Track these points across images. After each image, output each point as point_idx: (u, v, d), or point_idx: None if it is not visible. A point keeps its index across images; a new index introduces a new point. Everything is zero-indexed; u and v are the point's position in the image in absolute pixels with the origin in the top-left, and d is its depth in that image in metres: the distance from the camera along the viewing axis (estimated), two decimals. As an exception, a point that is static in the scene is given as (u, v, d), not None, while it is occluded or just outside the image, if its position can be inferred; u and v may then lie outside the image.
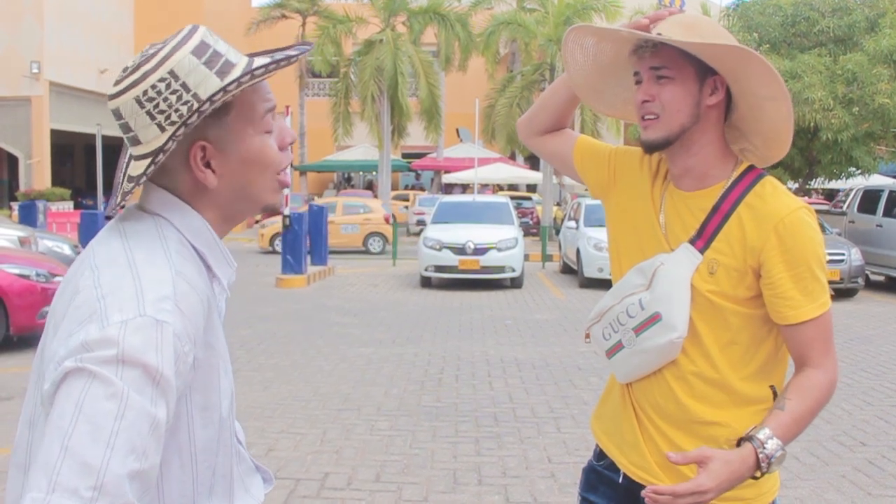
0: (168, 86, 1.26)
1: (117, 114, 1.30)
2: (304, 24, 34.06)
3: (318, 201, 24.72)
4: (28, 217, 19.27)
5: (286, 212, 15.62)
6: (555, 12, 28.29)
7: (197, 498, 1.31)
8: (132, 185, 1.30)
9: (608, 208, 2.10)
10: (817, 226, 1.84)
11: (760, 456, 1.69)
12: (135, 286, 1.19)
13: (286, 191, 16.03)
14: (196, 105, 1.26)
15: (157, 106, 1.27)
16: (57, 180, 32.38)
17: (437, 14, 29.96)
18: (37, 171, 30.71)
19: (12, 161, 32.37)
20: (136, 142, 1.29)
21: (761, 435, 1.70)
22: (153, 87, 1.26)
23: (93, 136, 23.90)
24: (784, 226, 1.78)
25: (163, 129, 1.26)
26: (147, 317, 1.15)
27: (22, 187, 29.88)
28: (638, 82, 1.87)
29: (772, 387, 1.87)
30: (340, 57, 31.44)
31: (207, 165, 1.32)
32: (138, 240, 1.28)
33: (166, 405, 1.14)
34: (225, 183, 1.34)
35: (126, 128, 1.30)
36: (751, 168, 1.89)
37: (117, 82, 1.30)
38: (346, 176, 45.92)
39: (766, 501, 1.89)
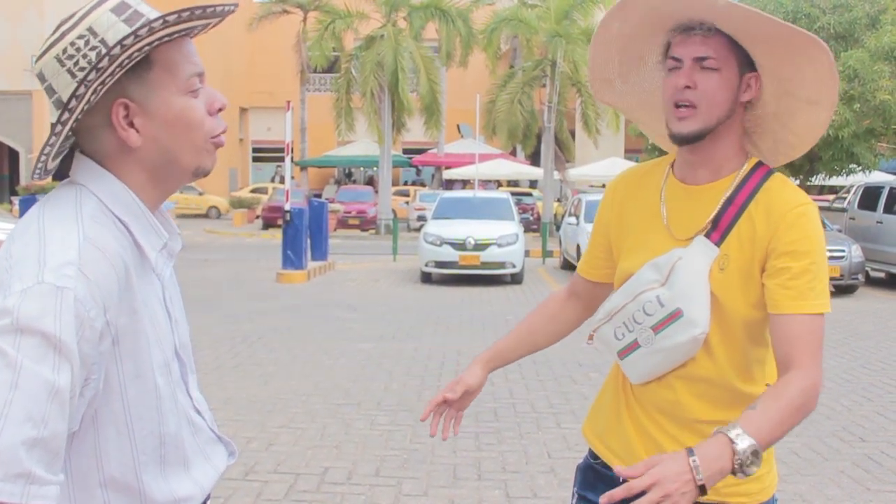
0: (87, 42, 1.26)
1: (41, 77, 1.30)
2: (305, 19, 34.04)
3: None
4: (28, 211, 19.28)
5: (286, 206, 15.62)
6: (555, 7, 28.24)
7: (142, 466, 1.32)
8: (49, 147, 1.30)
9: (625, 238, 2.01)
10: (819, 218, 1.82)
11: (695, 462, 1.49)
12: (38, 254, 1.20)
13: (287, 185, 16.04)
14: (104, 50, 1.25)
15: (76, 63, 1.26)
16: (58, 175, 32.37)
17: (439, 9, 29.91)
18: (37, 166, 30.71)
19: (13, 155, 32.40)
20: (60, 104, 1.28)
21: (731, 433, 1.55)
22: (72, 44, 1.27)
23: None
24: (794, 217, 1.76)
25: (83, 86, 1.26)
26: (45, 283, 1.16)
27: (22, 182, 29.90)
28: (674, 68, 1.80)
29: (767, 385, 1.84)
30: (342, 52, 31.42)
31: (131, 125, 1.31)
32: (52, 210, 1.29)
33: (70, 371, 1.15)
34: (150, 143, 1.33)
35: (50, 90, 1.29)
36: (761, 163, 1.87)
37: (41, 47, 1.30)
38: (346, 171, 45.94)
39: (767, 496, 1.89)
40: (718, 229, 1.81)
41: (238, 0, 1.39)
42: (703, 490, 1.45)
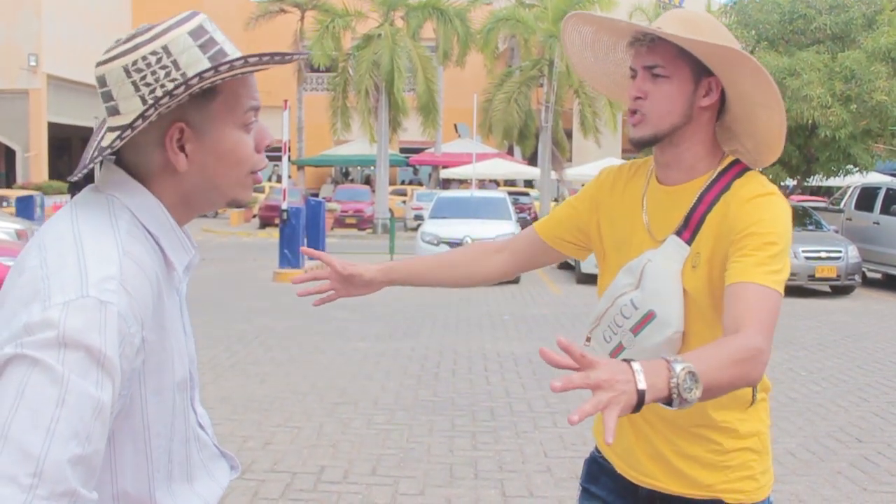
0: (159, 60, 1.26)
1: (101, 81, 1.29)
2: (302, 19, 34.01)
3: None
4: (25, 210, 19.27)
5: (284, 206, 15.61)
6: (553, 7, 28.27)
7: (154, 483, 1.31)
8: (100, 155, 1.29)
9: (598, 227, 2.05)
10: (789, 214, 1.78)
11: (639, 372, 1.40)
12: (79, 266, 1.17)
13: (285, 184, 16.03)
14: (175, 72, 1.25)
15: (143, 78, 1.26)
16: (54, 173, 32.36)
17: (436, 9, 29.93)
18: (34, 165, 30.69)
19: (10, 154, 32.35)
20: (114, 112, 1.28)
21: (668, 357, 1.46)
22: (143, 58, 1.26)
23: (90, 130, 23.90)
24: (753, 204, 1.76)
25: (145, 103, 1.25)
26: (90, 297, 1.14)
27: (19, 180, 29.85)
28: (633, 77, 1.84)
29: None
30: (339, 51, 31.40)
31: (182, 149, 1.31)
32: (87, 219, 1.26)
33: (112, 387, 1.13)
34: (194, 170, 1.32)
35: (108, 96, 1.29)
36: (737, 161, 1.88)
37: (107, 51, 1.29)
38: (343, 171, 45.91)
39: (763, 495, 1.89)
40: (689, 227, 1.82)
41: (309, 52, 1.40)
42: (641, 399, 1.37)
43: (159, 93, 1.25)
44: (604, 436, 1.31)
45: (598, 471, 2.09)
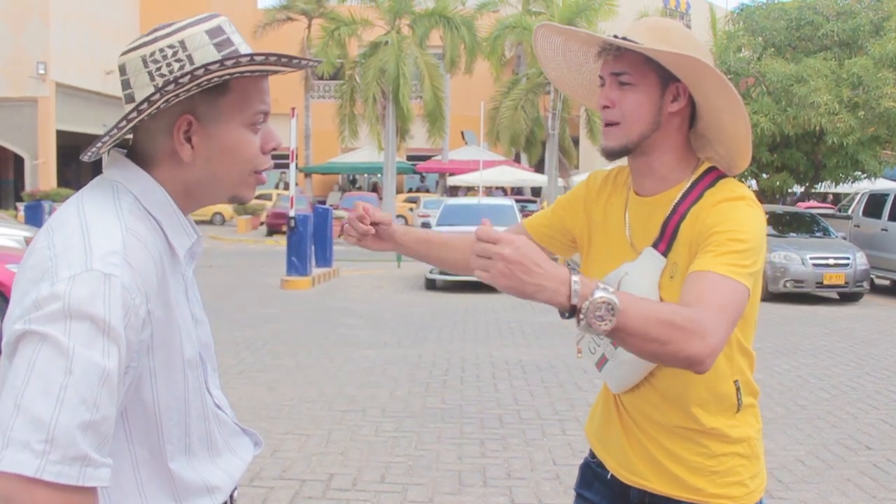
0: (175, 53, 1.33)
1: (122, 69, 1.36)
2: (309, 26, 34.14)
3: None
4: (34, 217, 19.34)
5: (291, 213, 15.64)
6: (559, 14, 28.32)
7: (168, 455, 1.37)
8: (108, 136, 1.36)
9: (575, 238, 2.09)
10: (759, 217, 1.76)
11: (575, 284, 1.44)
12: (83, 244, 1.24)
13: (292, 191, 16.07)
14: (188, 66, 1.32)
15: (159, 69, 1.33)
16: (62, 181, 32.47)
17: (443, 17, 30.01)
18: (42, 172, 30.80)
19: (18, 162, 32.47)
20: (131, 99, 1.35)
21: (600, 283, 1.47)
22: (160, 50, 1.33)
23: (98, 138, 23.97)
24: (719, 208, 1.75)
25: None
26: (94, 271, 1.20)
27: (28, 188, 29.95)
28: (602, 86, 1.85)
29: (735, 381, 1.85)
30: (346, 59, 31.48)
31: (189, 140, 1.37)
32: (92, 202, 1.33)
33: (118, 355, 1.19)
34: (199, 162, 1.39)
35: (126, 84, 1.36)
36: (712, 169, 1.87)
37: (130, 43, 1.37)
38: (350, 178, 45.99)
39: (752, 500, 1.89)
40: (664, 239, 1.82)
41: (321, 59, 1.45)
42: (534, 293, 1.44)
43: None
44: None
45: (591, 477, 2.11)
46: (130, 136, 1.41)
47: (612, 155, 1.85)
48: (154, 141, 1.38)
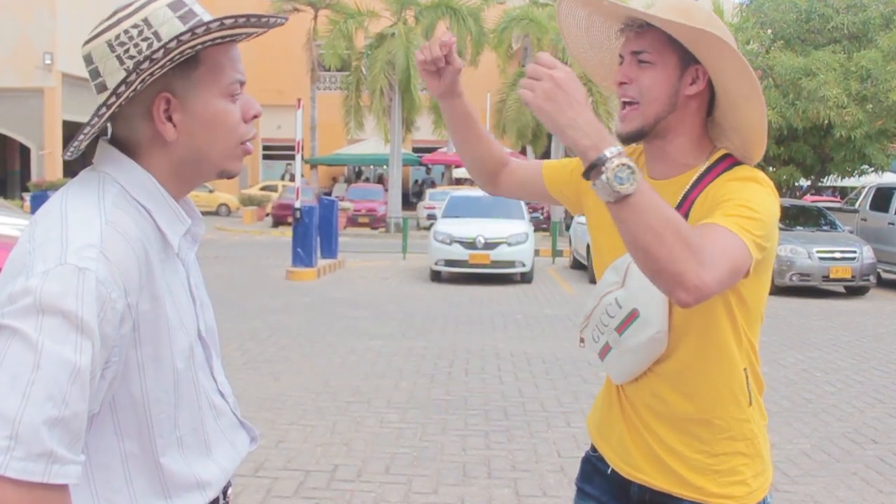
0: (140, 32, 1.31)
1: (88, 59, 1.34)
2: (315, 18, 34.07)
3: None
4: (39, 207, 19.37)
5: (297, 204, 15.63)
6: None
7: (159, 449, 1.35)
8: (88, 128, 1.33)
9: (587, 216, 2.05)
10: (772, 198, 1.74)
11: (608, 137, 1.51)
12: (61, 237, 1.22)
13: (298, 183, 16.06)
14: (157, 42, 1.30)
15: (127, 51, 1.31)
16: (68, 171, 32.46)
17: (450, 8, 29.89)
18: (48, 162, 30.83)
19: (24, 152, 32.51)
20: (103, 88, 1.33)
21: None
22: (125, 31, 1.31)
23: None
24: (735, 182, 1.73)
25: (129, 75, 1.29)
26: (67, 265, 1.18)
27: (34, 178, 30.00)
28: (621, 64, 1.83)
29: (745, 369, 1.83)
30: (352, 51, 31.41)
31: (169, 119, 1.35)
32: (75, 195, 1.32)
33: (91, 351, 1.17)
34: (183, 139, 1.37)
35: (95, 73, 1.34)
36: (727, 156, 1.84)
37: (92, 30, 1.34)
38: (356, 170, 45.96)
39: (755, 499, 1.86)
40: None
41: (280, 14, 1.44)
42: (565, 126, 1.49)
43: (144, 65, 1.28)
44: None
45: (591, 471, 2.09)
46: (109, 128, 1.39)
47: (627, 140, 1.83)
48: (134, 127, 1.36)
